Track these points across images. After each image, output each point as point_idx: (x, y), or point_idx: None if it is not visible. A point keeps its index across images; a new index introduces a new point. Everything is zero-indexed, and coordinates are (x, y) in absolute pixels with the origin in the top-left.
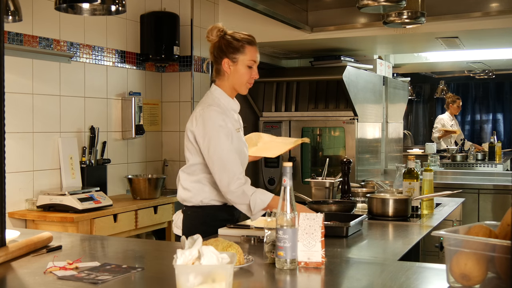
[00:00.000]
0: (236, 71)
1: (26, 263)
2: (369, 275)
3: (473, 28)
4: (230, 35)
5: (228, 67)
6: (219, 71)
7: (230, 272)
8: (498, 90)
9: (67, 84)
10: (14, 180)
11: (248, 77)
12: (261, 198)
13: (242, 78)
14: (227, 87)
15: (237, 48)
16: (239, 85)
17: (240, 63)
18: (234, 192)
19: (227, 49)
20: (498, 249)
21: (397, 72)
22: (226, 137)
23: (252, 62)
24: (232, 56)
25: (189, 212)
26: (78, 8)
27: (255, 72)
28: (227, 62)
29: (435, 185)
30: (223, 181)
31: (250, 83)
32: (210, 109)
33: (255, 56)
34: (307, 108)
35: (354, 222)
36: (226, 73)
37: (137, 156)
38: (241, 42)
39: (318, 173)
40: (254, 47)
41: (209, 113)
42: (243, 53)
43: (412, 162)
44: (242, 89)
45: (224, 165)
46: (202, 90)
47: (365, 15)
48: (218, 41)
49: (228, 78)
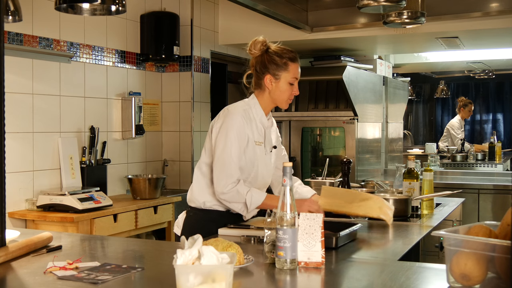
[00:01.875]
0: (277, 88)
1: (26, 263)
2: (369, 275)
3: (473, 28)
4: (274, 50)
5: (270, 83)
6: (260, 85)
7: (230, 272)
8: (498, 90)
9: (67, 84)
10: (14, 180)
11: (289, 93)
12: (256, 196)
13: (283, 95)
14: (265, 101)
15: (280, 65)
16: (279, 101)
17: (283, 80)
18: (228, 193)
19: (270, 65)
20: (498, 249)
21: (397, 72)
22: (238, 141)
23: (294, 79)
24: (275, 72)
25: (192, 213)
26: (78, 8)
27: (296, 89)
28: (269, 78)
29: (435, 185)
30: (219, 181)
31: (291, 99)
32: (236, 111)
33: (297, 73)
34: (307, 108)
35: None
36: (267, 88)
37: (137, 156)
38: (284, 59)
39: (318, 173)
40: (297, 64)
41: (233, 115)
42: (286, 70)
43: (412, 162)
44: (282, 105)
45: (225, 166)
46: (202, 90)
47: (365, 15)
48: (260, 55)
49: (269, 93)
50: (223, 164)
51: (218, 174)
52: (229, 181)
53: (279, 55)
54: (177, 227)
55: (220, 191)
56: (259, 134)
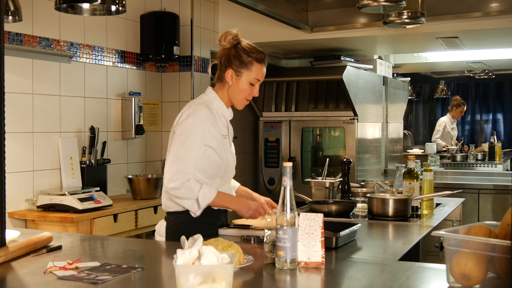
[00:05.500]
0: (237, 85)
1: (26, 263)
2: (369, 275)
3: (473, 28)
4: (243, 47)
5: (230, 78)
6: (221, 78)
7: (230, 272)
8: (498, 90)
9: (67, 84)
10: (14, 180)
11: (247, 94)
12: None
13: (241, 94)
14: (224, 96)
15: (245, 62)
16: (236, 99)
17: (244, 78)
18: (179, 188)
19: (234, 61)
20: (498, 249)
21: (397, 72)
22: (200, 139)
23: (256, 80)
24: (238, 69)
25: (172, 218)
26: (78, 8)
27: (256, 90)
28: (231, 73)
29: (435, 185)
30: (171, 175)
31: (248, 100)
32: (198, 107)
33: (261, 74)
34: (307, 108)
35: (344, 233)
36: (227, 83)
37: (137, 156)
38: (250, 57)
39: (318, 173)
40: (262, 65)
41: (198, 111)
42: (249, 69)
43: (412, 162)
44: (238, 104)
45: (179, 161)
46: (202, 90)
47: (365, 15)
48: (228, 48)
49: (228, 89)
50: (178, 159)
51: (171, 167)
52: (182, 176)
53: (247, 52)
54: (159, 236)
55: (172, 186)
56: (223, 127)
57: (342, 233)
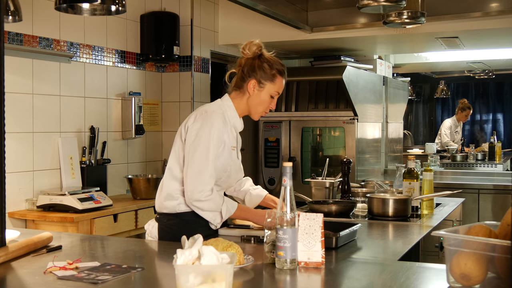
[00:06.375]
0: (258, 96)
1: (26, 263)
2: (369, 275)
3: (473, 28)
4: (266, 58)
5: (252, 88)
6: (241, 88)
7: (230, 272)
8: (498, 90)
9: (67, 84)
10: (14, 180)
11: (266, 106)
12: (229, 207)
13: (261, 106)
14: (242, 105)
15: (268, 74)
16: (255, 110)
17: (266, 90)
18: (204, 201)
19: (259, 71)
20: (498, 249)
21: (397, 72)
22: (216, 148)
23: (276, 93)
24: (261, 80)
25: (165, 220)
26: (78, 8)
27: (274, 103)
28: (253, 83)
29: (435, 185)
30: (195, 188)
31: (266, 113)
32: (215, 115)
33: (281, 87)
34: (307, 108)
35: (344, 233)
36: (247, 93)
37: (137, 156)
38: (274, 70)
39: (318, 173)
40: (284, 78)
41: (213, 119)
42: (273, 82)
43: (412, 162)
44: (255, 115)
45: (202, 173)
46: (202, 90)
47: (365, 15)
48: (252, 58)
49: (248, 99)
50: (199, 171)
51: (194, 180)
52: (206, 188)
53: (270, 64)
54: (150, 237)
55: (196, 198)
56: (233, 138)
57: (342, 233)
